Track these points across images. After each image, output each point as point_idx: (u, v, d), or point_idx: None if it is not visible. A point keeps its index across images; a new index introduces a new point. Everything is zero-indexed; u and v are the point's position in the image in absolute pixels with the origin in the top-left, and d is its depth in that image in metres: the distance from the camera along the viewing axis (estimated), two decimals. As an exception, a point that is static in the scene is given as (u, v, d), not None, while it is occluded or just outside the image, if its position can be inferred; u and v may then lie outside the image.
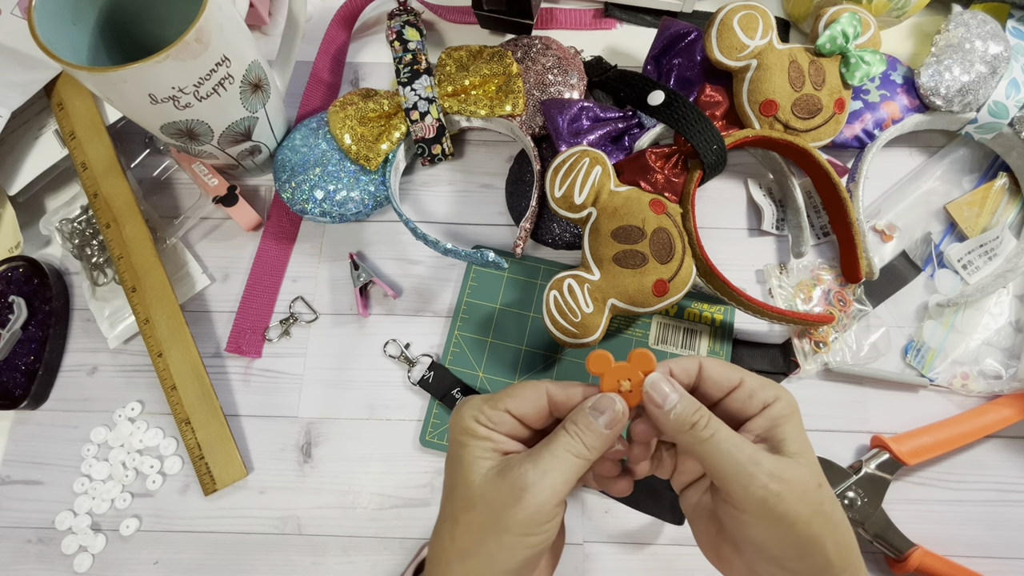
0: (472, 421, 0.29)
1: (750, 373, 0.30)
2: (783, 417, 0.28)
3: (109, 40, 0.41)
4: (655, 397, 0.28)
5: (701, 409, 0.28)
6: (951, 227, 0.48)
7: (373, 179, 0.46)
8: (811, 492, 0.26)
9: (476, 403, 0.30)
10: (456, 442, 0.29)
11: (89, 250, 0.48)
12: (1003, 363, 0.45)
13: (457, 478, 0.29)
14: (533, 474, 0.27)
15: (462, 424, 0.29)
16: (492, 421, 0.29)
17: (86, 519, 0.43)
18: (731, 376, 0.29)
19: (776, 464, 0.27)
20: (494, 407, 0.30)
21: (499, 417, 0.29)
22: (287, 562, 0.42)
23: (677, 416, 0.28)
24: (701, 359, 0.30)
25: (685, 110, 0.43)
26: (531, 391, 0.30)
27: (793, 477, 0.26)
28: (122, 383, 0.46)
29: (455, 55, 0.49)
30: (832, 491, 0.28)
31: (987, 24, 0.45)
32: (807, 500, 0.26)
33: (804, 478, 0.27)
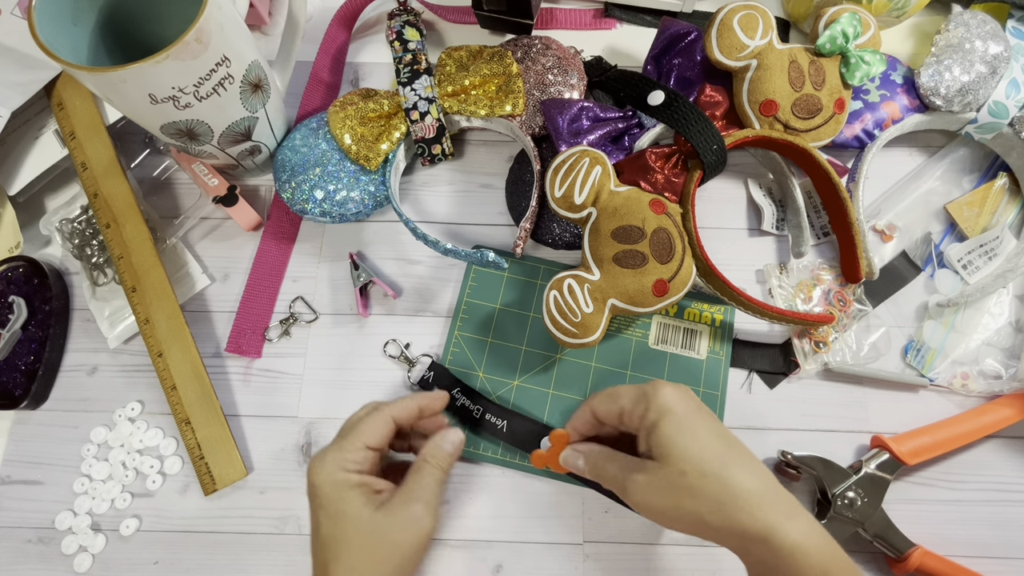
0: (341, 472, 0.34)
1: (625, 399, 0.35)
2: (653, 424, 0.33)
3: (109, 40, 0.41)
4: (572, 466, 0.37)
5: (598, 458, 0.35)
6: (951, 227, 0.48)
7: (373, 179, 0.46)
8: (672, 483, 0.32)
9: (334, 455, 0.35)
10: (332, 499, 0.34)
11: (89, 250, 0.48)
12: (1003, 363, 0.45)
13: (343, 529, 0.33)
14: (419, 506, 0.34)
15: (333, 479, 0.34)
16: (357, 462, 0.35)
17: (86, 519, 0.43)
18: (612, 409, 0.35)
19: (637, 479, 0.33)
20: (353, 448, 0.35)
21: (362, 456, 0.35)
22: (287, 562, 0.42)
23: (590, 474, 0.36)
24: (591, 404, 0.37)
25: (685, 110, 0.43)
26: (378, 422, 0.36)
27: (651, 482, 0.32)
28: (122, 383, 0.46)
29: (455, 55, 0.49)
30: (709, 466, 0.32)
31: (987, 24, 0.45)
32: (669, 493, 0.32)
33: (661, 478, 0.32)
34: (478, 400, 0.44)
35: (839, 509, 0.41)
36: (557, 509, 0.43)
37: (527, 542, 0.42)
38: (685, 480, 0.32)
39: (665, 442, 0.32)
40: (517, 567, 0.42)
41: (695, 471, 0.32)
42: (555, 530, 0.43)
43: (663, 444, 0.32)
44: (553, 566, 0.42)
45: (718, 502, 0.31)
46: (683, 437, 0.32)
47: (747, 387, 0.45)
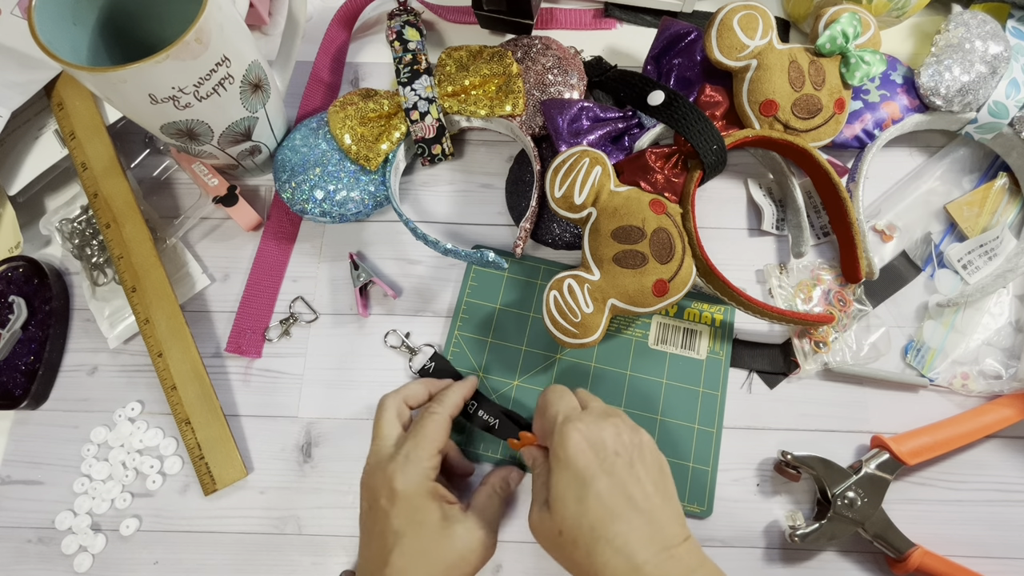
0: (427, 481, 0.36)
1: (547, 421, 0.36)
2: (550, 469, 0.34)
3: (109, 40, 0.41)
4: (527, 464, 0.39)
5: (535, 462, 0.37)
6: (951, 227, 0.48)
7: (373, 179, 0.46)
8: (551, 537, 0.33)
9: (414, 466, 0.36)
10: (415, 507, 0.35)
11: (89, 250, 0.48)
12: (1003, 363, 0.45)
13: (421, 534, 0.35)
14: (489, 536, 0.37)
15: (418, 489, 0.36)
16: (435, 468, 0.37)
17: (86, 519, 0.43)
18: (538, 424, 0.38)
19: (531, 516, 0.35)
20: (430, 455, 0.37)
21: (437, 461, 0.37)
22: (287, 562, 0.42)
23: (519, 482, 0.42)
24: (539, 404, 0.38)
25: (685, 110, 0.43)
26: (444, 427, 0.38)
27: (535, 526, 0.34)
28: (122, 383, 0.46)
29: (455, 55, 0.49)
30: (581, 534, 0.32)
31: (987, 24, 0.45)
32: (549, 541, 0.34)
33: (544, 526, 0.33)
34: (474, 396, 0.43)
35: (839, 509, 0.41)
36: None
37: (527, 542, 0.42)
38: (560, 539, 0.33)
39: (552, 494, 0.33)
40: (517, 567, 0.42)
41: (568, 535, 0.32)
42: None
43: (551, 495, 0.33)
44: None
45: (582, 570, 0.32)
46: (568, 498, 0.33)
47: (747, 387, 0.45)
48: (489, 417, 0.43)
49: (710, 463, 0.43)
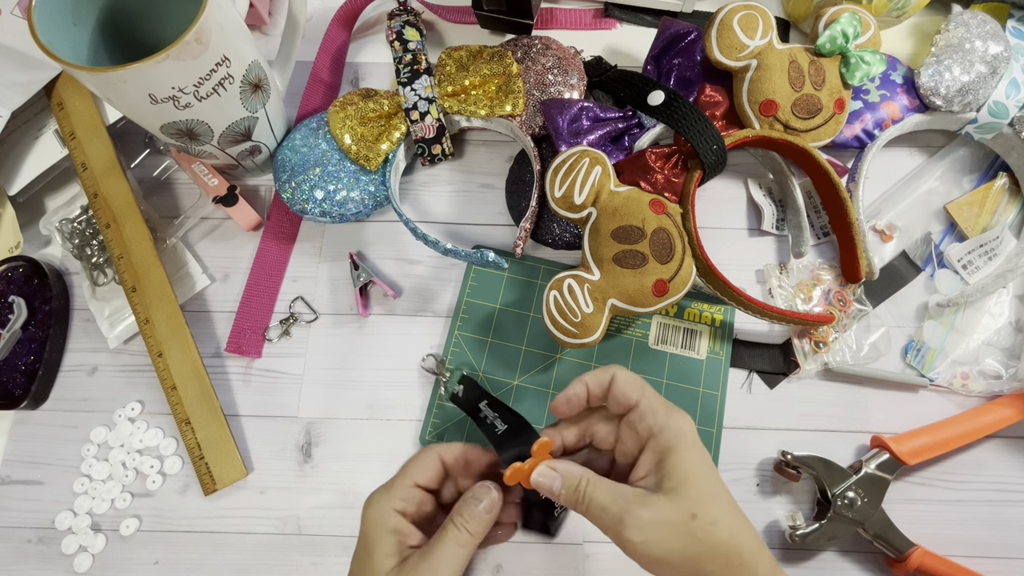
0: (387, 511, 0.32)
1: (651, 395, 0.32)
2: (668, 449, 0.30)
3: (109, 40, 0.41)
4: (543, 484, 0.32)
5: (581, 482, 0.31)
6: (951, 227, 0.48)
7: (373, 179, 0.46)
8: (680, 527, 0.28)
9: (383, 492, 0.32)
10: (366, 535, 0.32)
11: (89, 250, 0.48)
12: (1003, 363, 0.45)
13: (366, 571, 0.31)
14: (427, 573, 0.30)
15: (377, 515, 0.32)
16: (404, 499, 0.32)
17: (86, 519, 0.43)
18: (629, 396, 0.32)
19: (641, 515, 0.29)
20: (402, 485, 0.32)
21: (409, 493, 0.32)
22: (287, 562, 0.42)
23: (565, 497, 0.31)
24: (616, 371, 0.32)
25: (685, 110, 0.43)
26: (427, 459, 0.33)
27: (657, 520, 0.29)
28: (122, 383, 0.46)
29: (455, 55, 0.49)
30: (719, 511, 0.29)
31: (987, 24, 0.45)
32: (676, 535, 0.28)
33: (670, 518, 0.29)
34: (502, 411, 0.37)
35: (839, 509, 0.41)
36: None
37: (527, 542, 0.42)
38: (695, 524, 0.28)
39: (681, 475, 0.29)
40: (517, 567, 0.42)
41: (707, 516, 0.28)
42: (555, 530, 0.43)
43: (678, 476, 0.29)
44: (553, 566, 0.42)
45: (724, 557, 0.29)
46: (699, 473, 0.29)
47: (747, 387, 0.45)
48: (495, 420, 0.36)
49: (710, 463, 0.43)
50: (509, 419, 0.36)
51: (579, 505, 0.31)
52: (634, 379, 0.32)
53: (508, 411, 0.37)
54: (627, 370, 0.33)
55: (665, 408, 0.31)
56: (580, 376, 0.33)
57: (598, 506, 0.30)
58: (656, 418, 0.31)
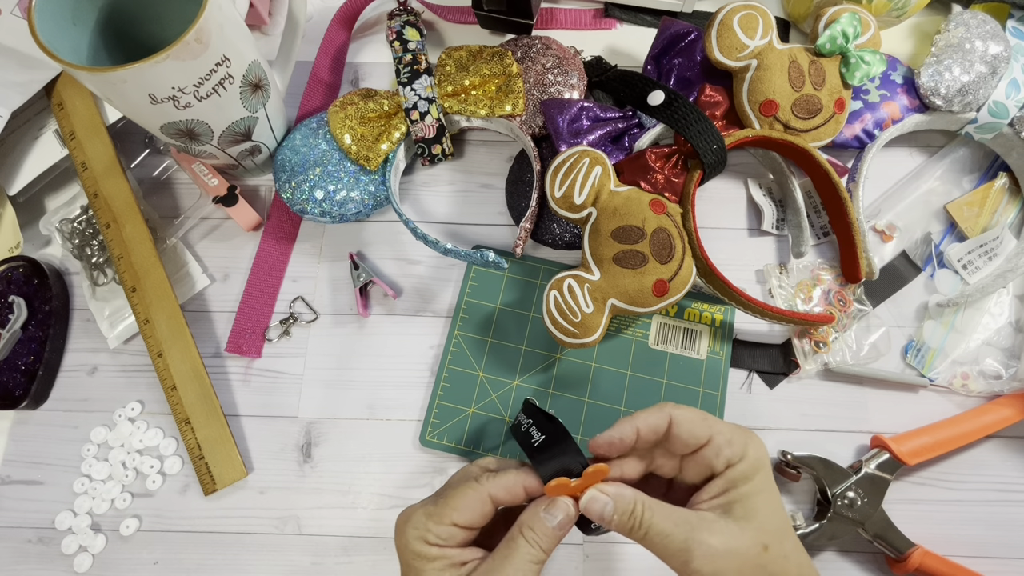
0: (421, 544, 0.29)
1: (720, 426, 0.30)
2: (741, 479, 0.29)
3: (109, 40, 0.41)
4: (593, 510, 0.29)
5: (636, 507, 0.29)
6: (951, 227, 0.48)
7: (373, 179, 0.46)
8: (752, 559, 0.27)
9: (419, 521, 0.30)
10: (409, 567, 0.30)
11: (89, 250, 0.48)
12: (1003, 363, 0.45)
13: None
14: None
15: (412, 548, 0.29)
16: (441, 538, 0.29)
17: (86, 519, 0.43)
18: (698, 435, 0.30)
19: (711, 541, 0.27)
20: (440, 522, 0.29)
21: (448, 533, 0.29)
22: (287, 562, 0.42)
23: (617, 523, 0.29)
24: (672, 412, 0.30)
25: (685, 110, 0.43)
26: (473, 499, 0.30)
27: (729, 549, 0.27)
28: (122, 383, 0.46)
29: (455, 55, 0.49)
30: (788, 545, 0.28)
31: (987, 24, 0.45)
32: (747, 568, 0.27)
33: (742, 548, 0.27)
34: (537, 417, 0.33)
35: (839, 509, 0.41)
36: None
37: (527, 542, 0.42)
38: (767, 556, 0.27)
39: (754, 505, 0.28)
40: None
41: (779, 549, 0.27)
42: (555, 530, 0.43)
43: (751, 505, 0.28)
44: (553, 566, 0.42)
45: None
46: (773, 505, 0.28)
47: (747, 387, 0.45)
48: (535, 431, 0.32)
49: (710, 463, 0.43)
50: (546, 426, 0.32)
51: (635, 532, 0.29)
52: (696, 416, 0.30)
53: (544, 416, 0.33)
54: (683, 407, 0.31)
55: (741, 437, 0.30)
56: (631, 417, 0.30)
57: (659, 532, 0.28)
58: (733, 449, 0.29)
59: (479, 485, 0.30)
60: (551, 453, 0.30)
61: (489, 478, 0.31)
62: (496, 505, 0.30)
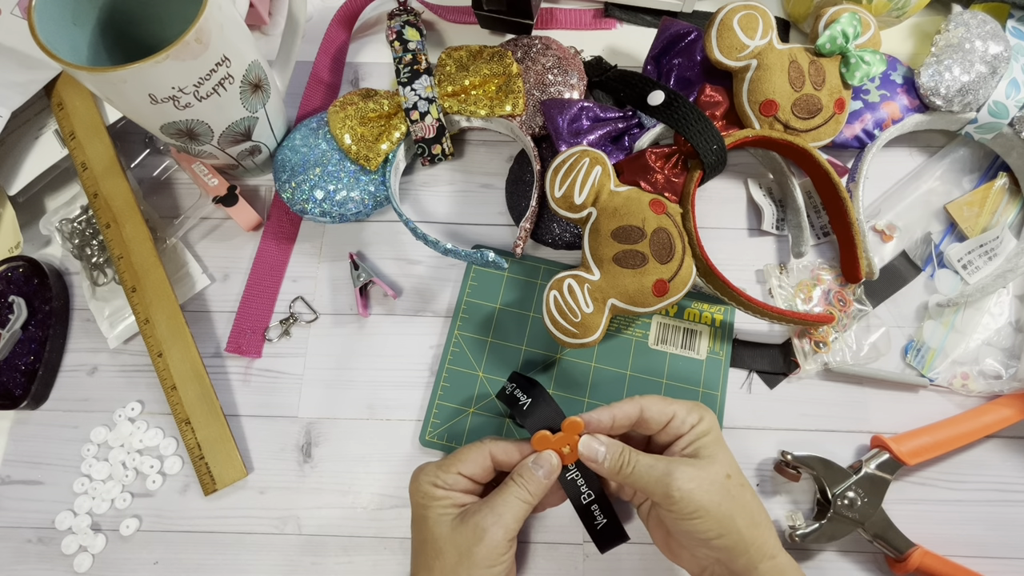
0: (430, 486, 0.36)
1: (678, 405, 0.37)
2: (702, 435, 0.36)
3: (109, 40, 0.41)
4: (588, 455, 0.36)
5: (624, 451, 0.36)
6: (951, 227, 0.48)
7: (373, 179, 0.46)
8: (718, 482, 0.34)
9: (431, 470, 0.36)
10: (419, 505, 0.36)
11: (89, 250, 0.48)
12: (1003, 363, 0.45)
13: (425, 533, 0.35)
14: (490, 517, 0.34)
15: (422, 490, 0.36)
16: (447, 483, 0.36)
17: (86, 519, 0.43)
18: (665, 411, 0.36)
19: (687, 469, 0.34)
20: (447, 471, 0.36)
21: (453, 480, 0.36)
22: (287, 562, 0.42)
23: (609, 465, 0.36)
24: (641, 402, 0.37)
25: (685, 110, 0.43)
26: (476, 453, 0.37)
27: (701, 475, 0.34)
28: (122, 383, 0.46)
29: (455, 55, 0.49)
30: (743, 479, 0.36)
31: (987, 24, 0.45)
32: (716, 489, 0.34)
33: (711, 474, 0.34)
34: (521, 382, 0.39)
35: (839, 509, 0.41)
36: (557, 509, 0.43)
37: (527, 542, 0.42)
38: (730, 483, 0.34)
39: (714, 450, 0.35)
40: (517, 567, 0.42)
41: (737, 478, 0.35)
42: (555, 530, 0.43)
43: (713, 451, 0.35)
44: (553, 566, 0.42)
45: (750, 517, 0.34)
46: (726, 452, 0.36)
47: (747, 387, 0.45)
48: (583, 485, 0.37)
49: (710, 463, 0.43)
50: (529, 390, 0.38)
51: (624, 469, 0.35)
52: (659, 402, 0.37)
53: (527, 381, 0.39)
54: (649, 396, 0.37)
55: (697, 410, 0.37)
56: (608, 407, 0.37)
57: (645, 465, 0.35)
58: (691, 415, 0.36)
59: (482, 444, 0.37)
60: (536, 413, 0.37)
61: (492, 440, 0.37)
62: (495, 463, 0.37)
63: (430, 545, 0.35)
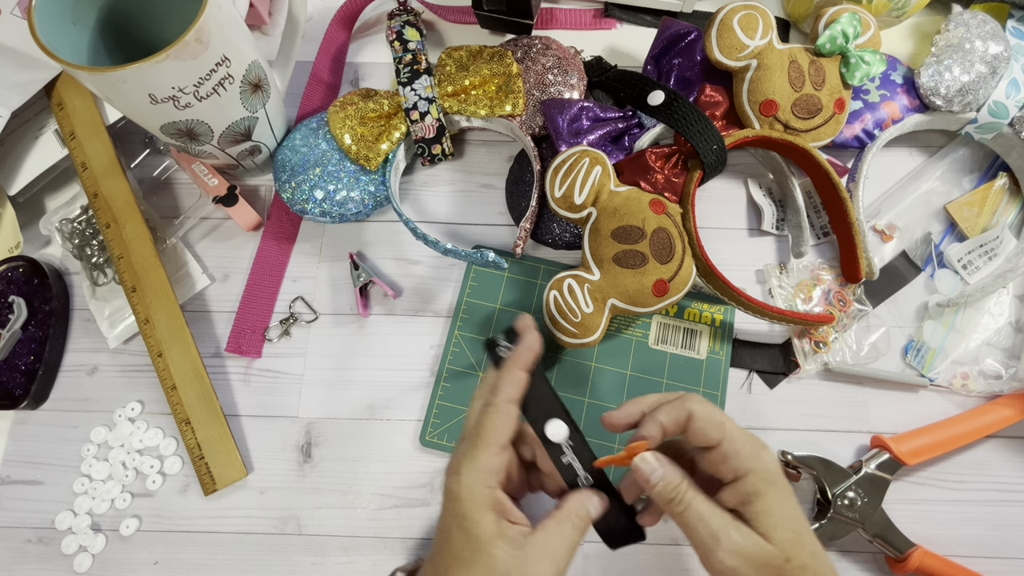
0: (484, 487, 0.30)
1: (733, 433, 0.31)
2: (755, 494, 0.30)
3: (109, 40, 0.41)
4: (642, 473, 0.31)
5: (681, 486, 0.30)
6: (951, 227, 0.48)
7: (373, 179, 0.46)
8: (773, 569, 0.28)
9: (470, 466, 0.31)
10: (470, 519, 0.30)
11: (89, 250, 0.48)
12: (1003, 363, 0.45)
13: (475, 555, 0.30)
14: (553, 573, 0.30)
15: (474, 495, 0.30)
16: (496, 471, 0.31)
17: (86, 519, 0.43)
18: (710, 436, 0.31)
19: (739, 540, 0.29)
20: (489, 453, 0.31)
21: (498, 461, 0.31)
22: (287, 562, 0.42)
23: (660, 491, 0.31)
24: (693, 407, 0.31)
25: (685, 110, 0.43)
26: (504, 417, 0.32)
27: (752, 553, 0.28)
28: (122, 383, 0.46)
29: (455, 55, 0.49)
30: (806, 553, 0.29)
31: (987, 24, 0.45)
32: (766, 574, 0.28)
33: (765, 556, 0.28)
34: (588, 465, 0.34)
35: (839, 509, 0.41)
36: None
37: (527, 542, 0.42)
38: (787, 567, 0.29)
39: (772, 520, 0.29)
40: (517, 567, 0.42)
41: (798, 559, 0.29)
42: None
43: (768, 521, 0.29)
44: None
45: None
46: (788, 519, 0.29)
47: (747, 387, 0.45)
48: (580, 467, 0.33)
49: (710, 463, 0.43)
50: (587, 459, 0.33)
51: (675, 505, 0.30)
52: (712, 416, 0.31)
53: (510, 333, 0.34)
54: (704, 402, 0.31)
55: (750, 448, 0.30)
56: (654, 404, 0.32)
57: (697, 513, 0.30)
58: (740, 460, 0.30)
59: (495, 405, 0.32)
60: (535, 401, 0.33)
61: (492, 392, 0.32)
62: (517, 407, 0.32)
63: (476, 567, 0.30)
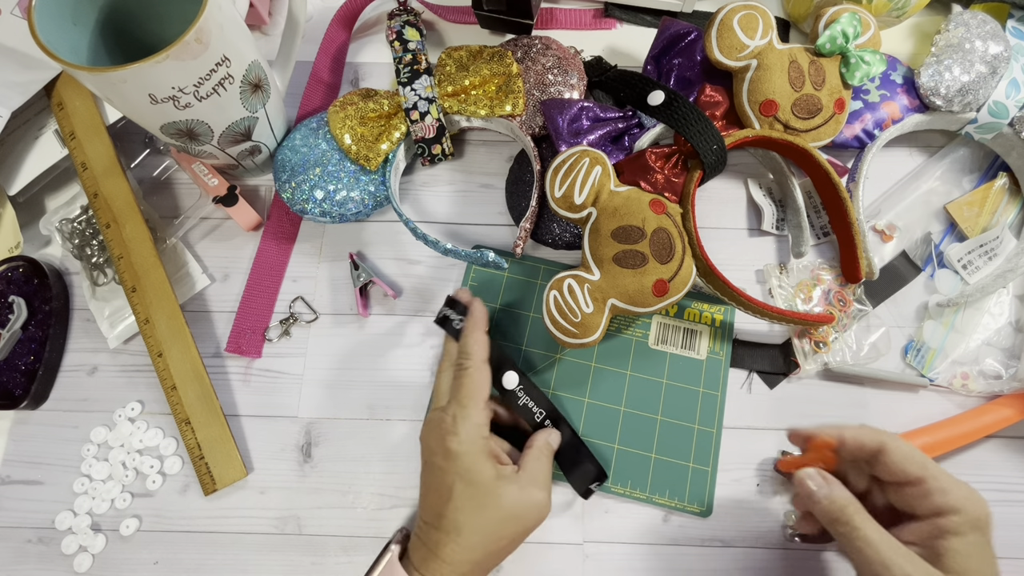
0: (480, 440, 0.37)
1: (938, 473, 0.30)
2: (953, 532, 0.28)
3: (109, 40, 0.41)
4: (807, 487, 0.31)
5: (849, 509, 0.30)
6: (951, 227, 0.48)
7: (373, 179, 0.46)
8: None
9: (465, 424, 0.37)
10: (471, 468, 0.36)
11: (89, 250, 0.48)
12: (1003, 363, 0.45)
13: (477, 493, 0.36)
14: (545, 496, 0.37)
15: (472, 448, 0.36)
16: (485, 424, 0.37)
17: (86, 519, 0.43)
18: (909, 472, 0.30)
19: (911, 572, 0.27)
20: (478, 410, 0.37)
21: (486, 415, 0.37)
22: (287, 562, 0.42)
23: (824, 508, 0.30)
24: (888, 442, 0.31)
25: (685, 110, 0.43)
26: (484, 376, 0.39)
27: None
28: (122, 383, 0.46)
29: (455, 55, 0.49)
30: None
31: (987, 24, 0.45)
32: None
33: None
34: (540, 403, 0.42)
35: (839, 509, 0.41)
36: (557, 509, 0.43)
37: (527, 542, 0.42)
38: None
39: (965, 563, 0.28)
40: (517, 567, 0.42)
41: None
42: (555, 530, 0.43)
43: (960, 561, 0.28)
44: (553, 566, 0.42)
45: None
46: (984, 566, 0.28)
47: (747, 387, 0.45)
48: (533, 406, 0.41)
49: (710, 463, 0.43)
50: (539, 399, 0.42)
51: (840, 525, 0.30)
52: (913, 454, 0.30)
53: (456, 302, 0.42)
54: (903, 441, 0.31)
55: (960, 491, 0.29)
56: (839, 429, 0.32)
57: (865, 539, 0.29)
58: (947, 499, 0.29)
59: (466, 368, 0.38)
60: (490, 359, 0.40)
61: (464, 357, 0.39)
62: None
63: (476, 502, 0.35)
